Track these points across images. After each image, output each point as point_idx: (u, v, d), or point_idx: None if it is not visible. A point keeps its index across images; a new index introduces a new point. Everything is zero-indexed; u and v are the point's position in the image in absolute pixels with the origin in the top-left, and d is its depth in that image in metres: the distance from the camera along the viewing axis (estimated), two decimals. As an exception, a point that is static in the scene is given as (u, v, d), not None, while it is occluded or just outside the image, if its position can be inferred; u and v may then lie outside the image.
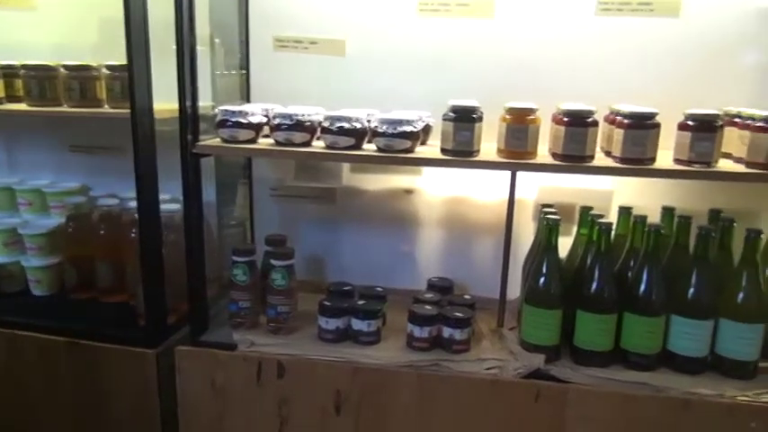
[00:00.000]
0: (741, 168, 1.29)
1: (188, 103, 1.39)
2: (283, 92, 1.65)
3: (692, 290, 1.33)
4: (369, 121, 1.43)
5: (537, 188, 1.65)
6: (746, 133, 1.27)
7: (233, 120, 1.41)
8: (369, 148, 1.41)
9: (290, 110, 1.42)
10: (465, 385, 1.36)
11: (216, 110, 1.47)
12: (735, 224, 1.37)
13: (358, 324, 1.46)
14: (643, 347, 1.35)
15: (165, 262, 1.54)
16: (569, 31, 1.55)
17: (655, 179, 1.47)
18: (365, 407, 1.40)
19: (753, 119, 1.27)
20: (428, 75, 1.61)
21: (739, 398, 1.27)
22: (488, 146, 1.39)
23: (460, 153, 1.34)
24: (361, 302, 1.50)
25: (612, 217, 1.49)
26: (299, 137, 1.40)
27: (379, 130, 1.37)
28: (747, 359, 1.33)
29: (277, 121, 1.41)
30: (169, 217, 1.61)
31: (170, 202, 1.64)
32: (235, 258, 1.51)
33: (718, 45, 1.50)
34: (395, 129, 1.36)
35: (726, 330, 1.33)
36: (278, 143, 1.42)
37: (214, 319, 1.58)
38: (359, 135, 1.39)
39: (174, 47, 1.35)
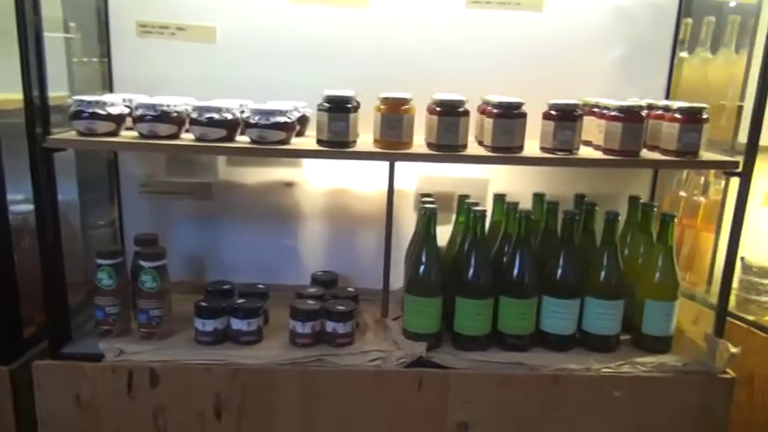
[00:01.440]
0: (599, 155, 1.37)
1: (35, 93, 1.26)
2: (150, 81, 1.54)
3: (559, 271, 1.40)
4: (242, 111, 1.37)
5: (416, 178, 1.67)
6: (602, 122, 1.35)
7: (89, 111, 1.30)
8: (242, 140, 1.36)
9: (155, 100, 1.33)
10: (349, 379, 1.35)
11: (70, 100, 1.35)
12: (597, 208, 1.46)
13: (237, 324, 1.40)
14: (518, 329, 1.41)
15: (19, 269, 1.39)
16: (442, 21, 1.57)
17: (526, 167, 1.53)
18: (247, 409, 1.35)
19: (608, 109, 1.35)
20: (305, 64, 1.57)
21: (603, 370, 1.36)
22: (368, 136, 1.38)
23: (336, 144, 1.31)
24: (240, 301, 1.44)
25: (489, 204, 1.54)
26: (164, 129, 1.31)
27: (252, 121, 1.32)
28: (610, 333, 1.42)
29: (140, 111, 1.31)
30: (22, 219, 1.46)
31: (23, 202, 1.48)
32: (99, 261, 1.39)
33: (578, 39, 1.59)
34: (268, 119, 1.31)
35: (590, 308, 1.41)
36: (142, 136, 1.32)
37: (80, 328, 1.46)
38: (230, 126, 1.33)
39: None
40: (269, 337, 1.45)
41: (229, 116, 1.32)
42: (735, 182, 1.37)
